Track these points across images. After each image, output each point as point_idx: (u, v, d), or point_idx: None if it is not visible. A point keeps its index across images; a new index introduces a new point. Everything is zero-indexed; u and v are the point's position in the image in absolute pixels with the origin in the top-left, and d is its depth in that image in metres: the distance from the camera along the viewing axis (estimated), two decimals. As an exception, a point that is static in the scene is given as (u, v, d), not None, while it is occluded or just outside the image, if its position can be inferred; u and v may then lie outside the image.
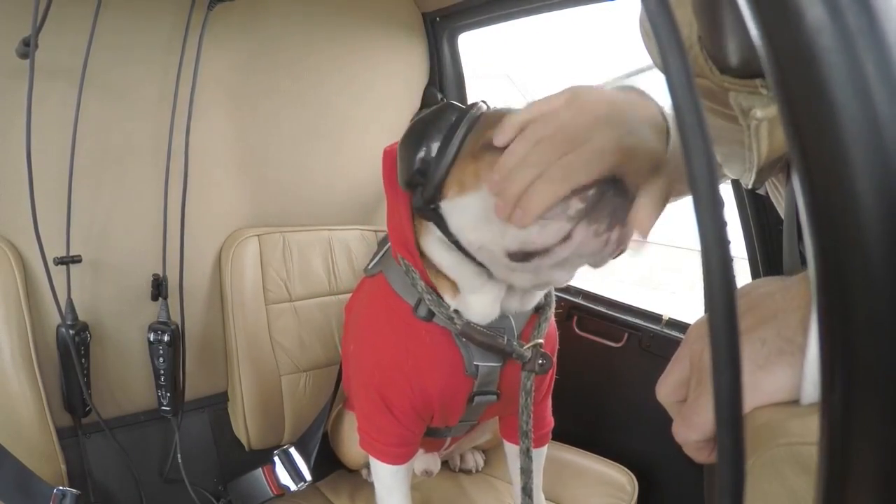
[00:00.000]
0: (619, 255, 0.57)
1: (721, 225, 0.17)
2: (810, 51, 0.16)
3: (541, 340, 0.68)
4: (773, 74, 0.17)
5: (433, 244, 0.66)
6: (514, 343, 0.66)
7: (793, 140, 0.17)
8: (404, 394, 0.71)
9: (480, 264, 0.62)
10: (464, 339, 0.67)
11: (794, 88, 0.17)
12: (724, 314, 0.17)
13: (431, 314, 0.67)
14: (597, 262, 0.57)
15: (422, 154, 0.59)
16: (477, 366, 0.68)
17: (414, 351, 0.69)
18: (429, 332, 0.68)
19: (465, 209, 0.59)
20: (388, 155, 0.66)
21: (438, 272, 0.67)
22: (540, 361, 0.66)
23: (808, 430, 0.23)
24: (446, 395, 0.71)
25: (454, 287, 0.67)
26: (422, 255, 0.68)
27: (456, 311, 0.66)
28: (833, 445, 0.19)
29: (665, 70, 0.17)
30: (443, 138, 0.59)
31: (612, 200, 0.49)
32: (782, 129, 0.18)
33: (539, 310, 0.72)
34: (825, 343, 0.18)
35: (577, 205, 0.49)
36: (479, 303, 0.66)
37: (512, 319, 0.69)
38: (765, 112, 0.33)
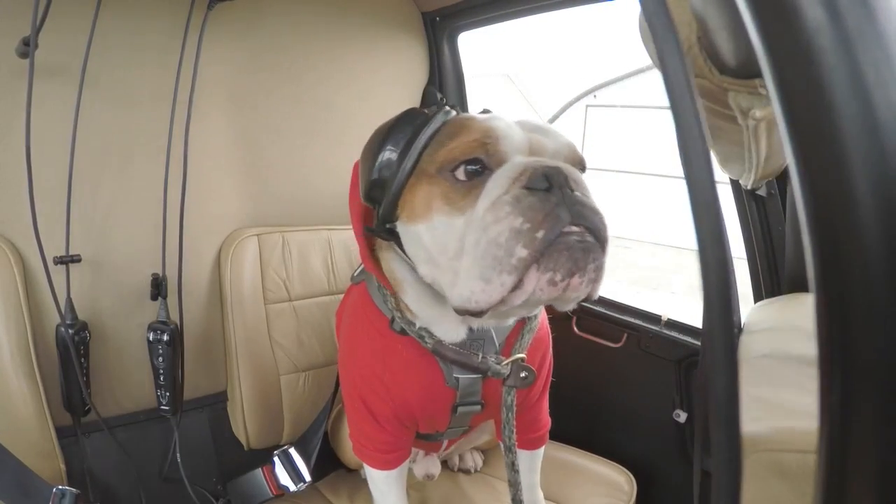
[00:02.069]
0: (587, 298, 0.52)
1: (719, 226, 0.17)
2: (810, 51, 0.16)
3: (522, 355, 0.64)
4: (772, 75, 0.17)
5: (393, 261, 0.63)
6: (491, 360, 0.63)
7: (791, 141, 0.17)
8: (385, 404, 0.69)
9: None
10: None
11: (792, 89, 0.17)
12: (721, 314, 0.17)
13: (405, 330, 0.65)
14: (560, 305, 0.53)
15: (379, 165, 0.55)
16: (457, 378, 0.66)
17: (391, 364, 0.67)
18: (405, 347, 0.66)
19: (416, 239, 0.54)
20: (356, 167, 0.62)
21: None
22: (522, 375, 0.62)
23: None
24: (428, 406, 0.69)
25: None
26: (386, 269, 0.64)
27: (426, 330, 0.63)
28: (833, 445, 0.19)
29: (663, 70, 0.17)
30: (401, 149, 0.54)
31: (575, 242, 0.46)
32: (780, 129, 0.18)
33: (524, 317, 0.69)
34: (824, 344, 0.18)
35: (520, 252, 0.45)
36: (440, 326, 0.63)
37: (493, 331, 0.65)
38: (764, 112, 0.33)
